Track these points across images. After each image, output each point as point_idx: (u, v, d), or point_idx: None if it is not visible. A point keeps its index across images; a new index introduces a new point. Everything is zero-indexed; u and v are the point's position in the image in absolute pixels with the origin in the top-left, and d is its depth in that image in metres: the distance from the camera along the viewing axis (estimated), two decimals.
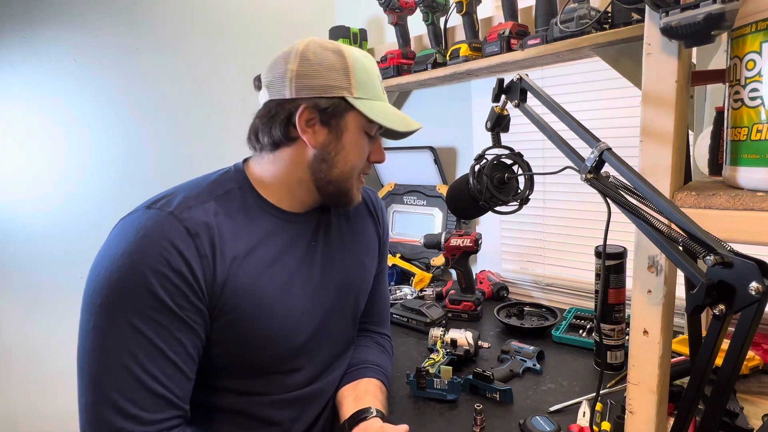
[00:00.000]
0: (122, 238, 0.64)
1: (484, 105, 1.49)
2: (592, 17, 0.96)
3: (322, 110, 0.72)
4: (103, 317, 0.60)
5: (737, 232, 0.51)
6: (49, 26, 1.24)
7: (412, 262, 1.64)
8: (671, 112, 0.54)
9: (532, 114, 0.70)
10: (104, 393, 0.59)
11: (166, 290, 0.62)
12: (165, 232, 0.64)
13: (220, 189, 0.74)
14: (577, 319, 1.20)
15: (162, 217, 0.65)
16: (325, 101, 0.72)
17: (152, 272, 0.61)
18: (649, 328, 0.58)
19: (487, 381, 0.91)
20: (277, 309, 0.73)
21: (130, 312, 0.60)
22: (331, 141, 0.74)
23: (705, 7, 0.47)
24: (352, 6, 1.83)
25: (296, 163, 0.75)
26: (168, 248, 0.63)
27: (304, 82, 0.71)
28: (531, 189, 0.78)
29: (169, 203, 0.68)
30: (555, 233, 1.43)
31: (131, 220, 0.66)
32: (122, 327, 0.60)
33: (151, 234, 0.63)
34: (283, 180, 0.76)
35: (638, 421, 0.61)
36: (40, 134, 1.26)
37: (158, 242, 0.62)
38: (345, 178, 0.77)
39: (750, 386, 0.86)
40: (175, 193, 0.71)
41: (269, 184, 0.77)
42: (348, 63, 0.73)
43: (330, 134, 0.74)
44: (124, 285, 0.60)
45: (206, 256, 0.66)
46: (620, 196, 0.54)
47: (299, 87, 0.72)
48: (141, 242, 0.62)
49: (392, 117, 0.77)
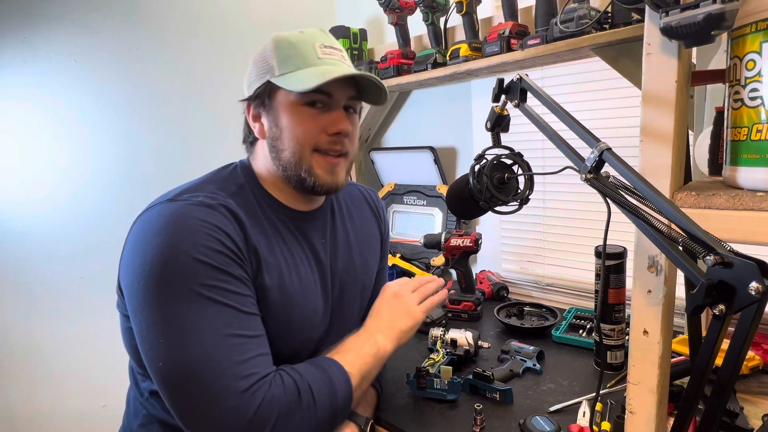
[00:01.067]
0: (157, 228, 0.64)
1: (484, 105, 1.49)
2: (592, 17, 0.96)
3: (255, 99, 0.76)
4: (173, 305, 0.61)
5: (737, 232, 0.51)
6: (49, 26, 1.24)
7: (412, 262, 1.64)
8: (671, 112, 0.54)
9: (532, 114, 0.70)
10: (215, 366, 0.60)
11: (213, 258, 0.63)
12: (200, 214, 0.66)
13: (232, 186, 0.75)
14: (577, 319, 1.20)
15: (191, 205, 0.67)
16: (255, 90, 0.75)
17: (197, 247, 0.62)
18: (649, 328, 0.58)
19: (487, 381, 0.91)
20: (298, 303, 0.75)
21: (197, 287, 0.61)
22: (272, 126, 0.75)
23: (705, 7, 0.47)
24: (352, 6, 1.83)
25: (264, 157, 0.78)
26: (206, 225, 0.65)
27: (248, 80, 0.77)
28: (531, 189, 0.78)
29: (191, 196, 0.69)
30: (555, 233, 1.43)
31: (159, 211, 0.66)
32: (197, 303, 0.61)
33: (186, 217, 0.65)
34: (269, 175, 0.79)
35: (638, 421, 0.61)
36: (40, 134, 1.27)
37: (195, 222, 0.64)
38: (297, 157, 0.74)
39: (750, 386, 0.86)
40: (188, 190, 0.71)
41: (264, 180, 0.79)
42: (273, 46, 0.74)
43: (268, 120, 0.76)
44: (179, 267, 0.61)
45: (241, 231, 0.69)
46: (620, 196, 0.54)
47: (247, 86, 0.78)
48: (178, 225, 0.64)
49: (310, 77, 0.71)
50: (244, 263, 0.68)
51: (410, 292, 0.85)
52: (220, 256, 0.64)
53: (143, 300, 0.62)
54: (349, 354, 0.73)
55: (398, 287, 0.86)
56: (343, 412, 0.69)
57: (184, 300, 0.61)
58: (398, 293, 0.84)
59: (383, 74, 1.45)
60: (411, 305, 0.83)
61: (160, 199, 0.71)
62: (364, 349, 0.74)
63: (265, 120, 0.76)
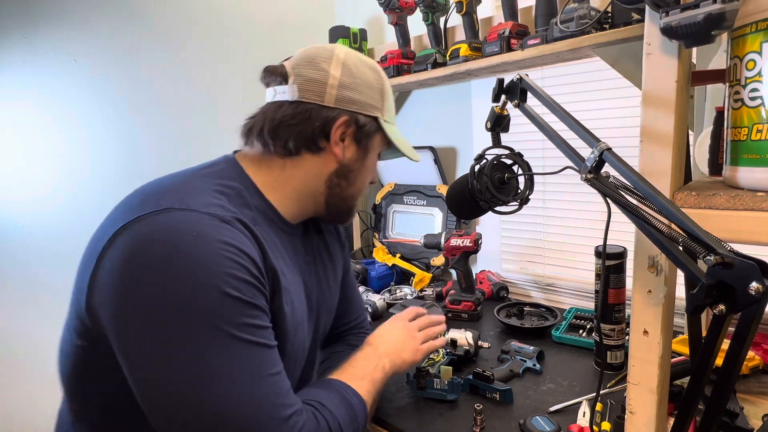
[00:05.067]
0: (170, 249, 0.54)
1: (484, 105, 1.49)
2: (592, 17, 0.96)
3: (359, 127, 0.70)
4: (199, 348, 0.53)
5: (737, 232, 0.51)
6: (49, 26, 1.24)
7: (412, 262, 1.64)
8: (671, 112, 0.54)
9: (532, 114, 0.70)
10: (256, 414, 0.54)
11: (241, 290, 0.56)
12: (220, 232, 0.57)
13: (225, 189, 0.65)
14: (577, 319, 1.20)
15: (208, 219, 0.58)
16: (363, 118, 0.71)
17: (225, 277, 0.54)
18: (649, 328, 0.58)
19: (487, 381, 0.91)
20: (301, 327, 0.71)
21: (227, 327, 0.54)
22: (357, 159, 0.73)
23: (705, 7, 0.47)
24: (352, 6, 1.83)
25: (315, 174, 0.71)
26: (229, 249, 0.56)
27: (347, 94, 0.69)
28: (531, 189, 0.78)
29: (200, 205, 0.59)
30: (555, 233, 1.43)
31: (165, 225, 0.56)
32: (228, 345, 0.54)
33: (207, 238, 0.55)
34: (295, 188, 0.71)
35: (638, 421, 0.61)
36: (40, 134, 1.26)
37: (218, 245, 0.55)
38: (357, 197, 0.77)
39: (750, 386, 0.86)
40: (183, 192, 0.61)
41: (277, 190, 0.70)
42: (384, 84, 0.74)
43: (358, 152, 0.73)
44: (206, 303, 0.53)
45: (260, 251, 0.61)
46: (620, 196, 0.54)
47: (341, 98, 0.68)
48: (198, 247, 0.54)
49: (407, 145, 0.79)
50: (265, 289, 0.61)
51: (418, 330, 0.88)
52: (248, 286, 0.57)
53: (156, 340, 0.53)
54: (364, 381, 0.71)
55: (409, 322, 0.89)
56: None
57: (215, 342, 0.53)
58: (410, 327, 0.87)
59: None
60: (417, 343, 0.85)
61: (153, 204, 0.58)
62: (376, 375, 0.74)
63: (352, 146, 0.72)
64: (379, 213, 1.79)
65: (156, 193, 0.61)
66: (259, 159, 0.71)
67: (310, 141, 0.68)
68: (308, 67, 0.68)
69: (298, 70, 0.68)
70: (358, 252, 1.80)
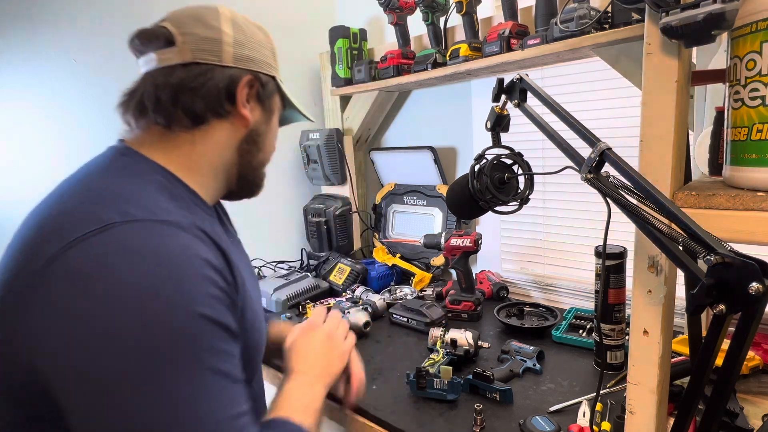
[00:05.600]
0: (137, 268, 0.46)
1: (484, 105, 1.49)
2: (592, 17, 0.96)
3: (262, 86, 0.66)
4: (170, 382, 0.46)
5: (737, 232, 0.51)
6: (49, 26, 1.24)
7: (412, 262, 1.64)
8: (671, 112, 0.54)
9: (532, 114, 0.70)
10: None
11: (221, 312, 0.51)
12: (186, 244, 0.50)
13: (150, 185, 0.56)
14: (577, 319, 1.20)
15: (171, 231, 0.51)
16: (263, 77, 0.66)
17: (203, 299, 0.49)
18: (649, 328, 0.58)
19: (487, 381, 0.91)
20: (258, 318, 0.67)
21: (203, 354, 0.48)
22: (264, 121, 0.68)
23: (705, 6, 0.47)
24: (352, 6, 1.83)
25: (226, 143, 0.64)
26: (199, 262, 0.50)
27: (245, 52, 0.63)
28: (531, 189, 0.78)
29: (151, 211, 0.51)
30: (555, 233, 1.43)
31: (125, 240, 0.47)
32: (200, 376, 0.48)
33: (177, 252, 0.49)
34: (212, 164, 0.64)
35: (638, 421, 0.61)
36: (40, 134, 1.26)
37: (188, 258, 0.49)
38: (265, 164, 0.72)
39: (750, 386, 0.86)
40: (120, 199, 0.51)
41: (195, 171, 0.62)
42: (272, 44, 0.70)
43: (263, 114, 0.68)
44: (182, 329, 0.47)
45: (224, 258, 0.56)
46: (620, 196, 0.54)
47: (240, 56, 0.63)
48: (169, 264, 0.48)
49: (303, 104, 0.75)
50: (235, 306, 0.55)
51: (338, 329, 0.81)
52: (220, 304, 0.51)
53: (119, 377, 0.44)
54: (307, 414, 0.65)
55: (329, 327, 0.80)
56: None
57: (187, 373, 0.46)
58: (331, 335, 0.79)
59: (383, 74, 1.45)
60: (341, 346, 0.79)
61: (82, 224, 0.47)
62: (316, 404, 0.68)
63: (258, 108, 0.67)
64: (379, 213, 1.79)
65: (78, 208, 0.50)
66: (161, 140, 0.61)
67: (217, 104, 0.61)
68: (197, 26, 0.61)
69: (185, 29, 0.60)
70: (358, 252, 1.80)
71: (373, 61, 1.52)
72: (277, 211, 1.80)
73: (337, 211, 1.70)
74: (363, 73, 1.52)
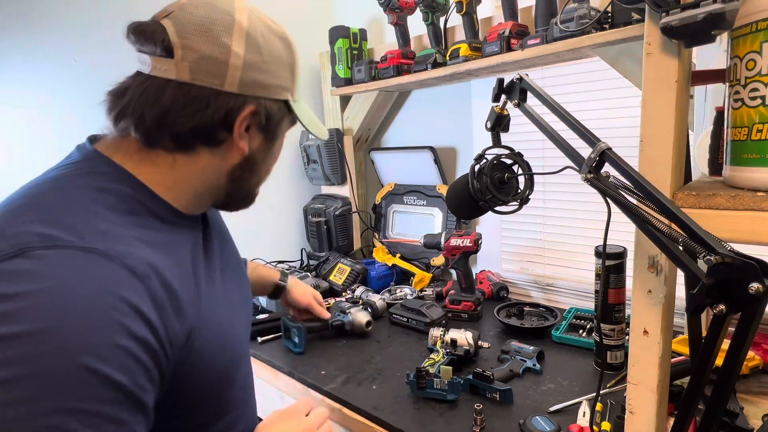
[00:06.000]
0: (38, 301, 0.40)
1: (484, 105, 1.49)
2: (592, 17, 0.96)
3: (269, 115, 0.58)
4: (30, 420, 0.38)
5: (737, 232, 0.51)
6: (49, 26, 1.24)
7: (412, 262, 1.64)
8: (671, 112, 0.54)
9: (532, 114, 0.70)
10: None
11: (126, 369, 0.43)
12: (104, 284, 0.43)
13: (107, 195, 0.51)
14: (577, 319, 1.20)
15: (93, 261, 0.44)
16: (272, 104, 0.58)
17: (99, 349, 0.41)
18: (649, 328, 0.58)
19: (487, 381, 0.91)
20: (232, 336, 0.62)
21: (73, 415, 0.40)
22: (264, 148, 0.61)
23: (705, 6, 0.47)
24: (352, 6, 1.83)
25: (214, 169, 0.58)
26: (116, 307, 0.43)
27: (255, 77, 0.54)
28: (531, 189, 0.78)
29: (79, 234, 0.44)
30: (555, 233, 1.43)
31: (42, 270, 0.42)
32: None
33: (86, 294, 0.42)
34: (192, 186, 0.57)
35: (638, 421, 0.61)
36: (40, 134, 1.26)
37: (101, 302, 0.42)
38: (260, 183, 0.66)
39: (750, 386, 0.86)
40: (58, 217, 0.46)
41: (171, 189, 0.56)
42: (295, 58, 0.60)
43: (265, 141, 0.60)
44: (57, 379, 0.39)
45: (163, 303, 0.48)
46: (620, 196, 0.54)
47: (248, 81, 0.54)
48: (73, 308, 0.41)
49: (317, 125, 0.67)
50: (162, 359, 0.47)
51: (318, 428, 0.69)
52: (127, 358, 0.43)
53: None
54: None
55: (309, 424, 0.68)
56: None
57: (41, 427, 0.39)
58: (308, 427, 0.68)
59: (383, 74, 1.45)
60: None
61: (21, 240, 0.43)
62: None
63: (258, 136, 0.59)
64: (379, 213, 1.79)
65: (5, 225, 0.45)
66: (138, 152, 0.55)
67: (208, 135, 0.54)
68: (202, 39, 0.52)
69: (187, 41, 0.52)
70: (358, 252, 1.80)
71: (373, 61, 1.52)
72: (277, 211, 1.80)
73: (337, 211, 1.70)
74: (363, 73, 1.52)
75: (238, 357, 0.64)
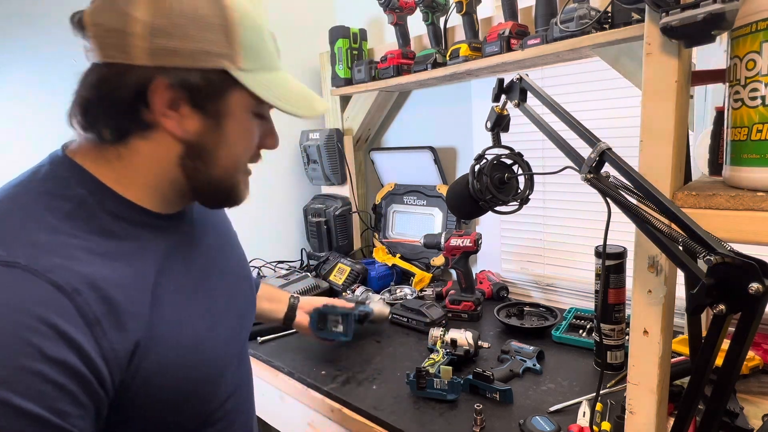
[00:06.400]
0: None
1: (484, 105, 1.49)
2: (592, 17, 0.96)
3: (194, 89, 0.50)
4: None
5: (737, 232, 0.51)
6: (48, 26, 1.24)
7: (412, 262, 1.64)
8: (671, 112, 0.54)
9: (532, 114, 0.70)
10: None
11: (38, 396, 0.39)
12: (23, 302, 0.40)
13: (63, 202, 0.48)
14: (577, 319, 1.20)
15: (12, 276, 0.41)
16: (197, 76, 0.49)
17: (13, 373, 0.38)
18: (649, 328, 0.58)
19: (487, 381, 0.91)
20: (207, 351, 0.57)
21: None
22: (208, 130, 0.53)
23: (705, 6, 0.47)
24: (352, 6, 1.83)
25: (158, 161, 0.53)
26: (35, 328, 0.40)
27: (163, 42, 0.47)
28: (531, 189, 0.78)
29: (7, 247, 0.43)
30: (555, 233, 1.43)
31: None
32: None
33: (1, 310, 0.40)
34: (147, 180, 0.53)
35: (638, 421, 0.61)
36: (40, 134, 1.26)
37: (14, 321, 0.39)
38: (230, 175, 0.57)
39: (750, 386, 0.86)
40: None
41: (129, 185, 0.53)
42: (229, 16, 0.49)
43: (206, 121, 0.52)
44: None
45: (98, 320, 0.44)
46: (620, 196, 0.54)
47: (156, 50, 0.47)
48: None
49: (294, 97, 0.57)
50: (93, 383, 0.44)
51: None
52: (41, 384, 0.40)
53: None
54: None
55: None
56: None
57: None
58: None
59: (383, 74, 1.45)
60: None
61: None
62: None
63: (194, 116, 0.52)
64: (379, 213, 1.79)
65: None
66: (93, 150, 0.53)
67: (131, 119, 0.50)
68: (106, 12, 0.47)
69: (96, 17, 0.48)
70: (358, 252, 1.80)
71: (373, 61, 1.52)
72: (277, 211, 1.80)
73: (337, 211, 1.70)
74: (363, 73, 1.52)
75: (217, 370, 0.60)
